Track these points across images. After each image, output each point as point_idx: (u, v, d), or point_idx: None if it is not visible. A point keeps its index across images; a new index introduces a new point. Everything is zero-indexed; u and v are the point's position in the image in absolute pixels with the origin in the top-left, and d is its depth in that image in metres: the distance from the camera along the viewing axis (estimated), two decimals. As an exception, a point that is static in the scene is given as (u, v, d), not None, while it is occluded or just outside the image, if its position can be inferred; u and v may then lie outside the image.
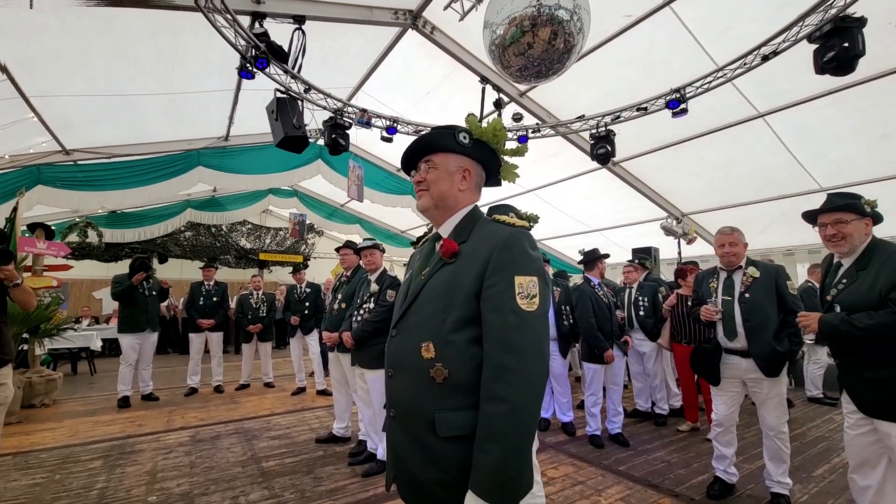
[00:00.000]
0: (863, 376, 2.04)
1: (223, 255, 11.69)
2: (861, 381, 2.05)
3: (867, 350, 2.01)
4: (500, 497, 0.98)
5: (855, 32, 3.89)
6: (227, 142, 7.62)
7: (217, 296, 6.00)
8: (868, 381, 2.01)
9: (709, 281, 3.02)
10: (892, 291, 1.93)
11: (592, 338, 3.82)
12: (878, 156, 6.30)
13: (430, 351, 1.13)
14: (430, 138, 1.31)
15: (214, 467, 3.37)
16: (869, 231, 2.13)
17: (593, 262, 4.17)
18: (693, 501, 2.80)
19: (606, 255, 4.40)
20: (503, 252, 1.12)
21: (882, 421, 1.97)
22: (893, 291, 1.92)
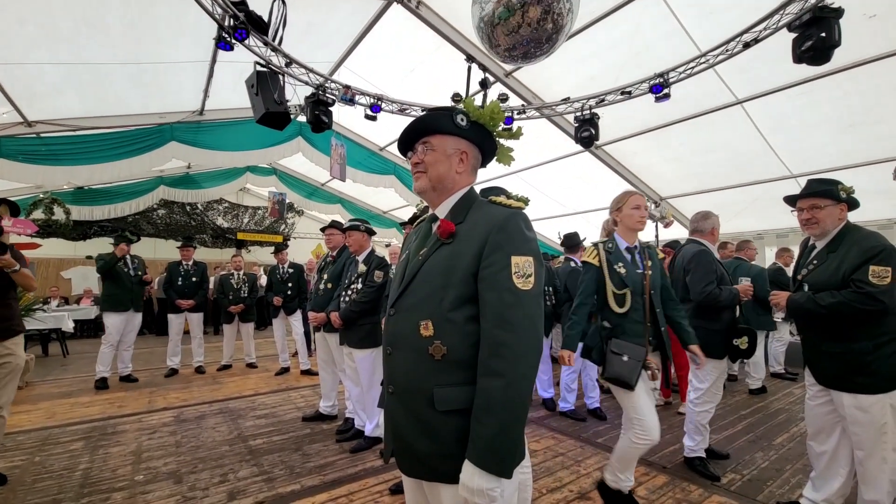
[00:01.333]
0: (821, 350, 2.21)
1: (199, 235, 11.37)
2: (820, 354, 2.22)
3: (826, 326, 2.17)
4: (495, 465, 1.03)
5: (832, 23, 4.00)
6: (201, 116, 7.33)
7: (196, 276, 5.87)
8: (826, 355, 2.18)
9: None
10: (854, 273, 2.07)
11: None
12: (847, 144, 6.57)
13: (428, 329, 1.16)
14: (427, 120, 1.30)
15: (201, 446, 3.38)
16: (843, 216, 2.24)
17: (576, 245, 4.28)
18: (665, 469, 2.98)
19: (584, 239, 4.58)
20: (500, 233, 1.15)
21: (836, 391, 2.14)
22: (856, 273, 2.06)
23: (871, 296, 2.00)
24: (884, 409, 2.01)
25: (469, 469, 1.05)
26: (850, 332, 2.09)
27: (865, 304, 2.01)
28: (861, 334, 2.07)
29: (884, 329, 2.04)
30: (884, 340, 2.03)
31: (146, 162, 6.83)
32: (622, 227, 2.47)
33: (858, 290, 2.03)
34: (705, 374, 2.85)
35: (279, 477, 2.87)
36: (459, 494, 1.07)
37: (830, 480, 2.24)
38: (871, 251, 2.05)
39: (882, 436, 2.01)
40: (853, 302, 2.03)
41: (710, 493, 2.63)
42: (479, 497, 1.03)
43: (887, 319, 2.04)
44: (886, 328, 2.04)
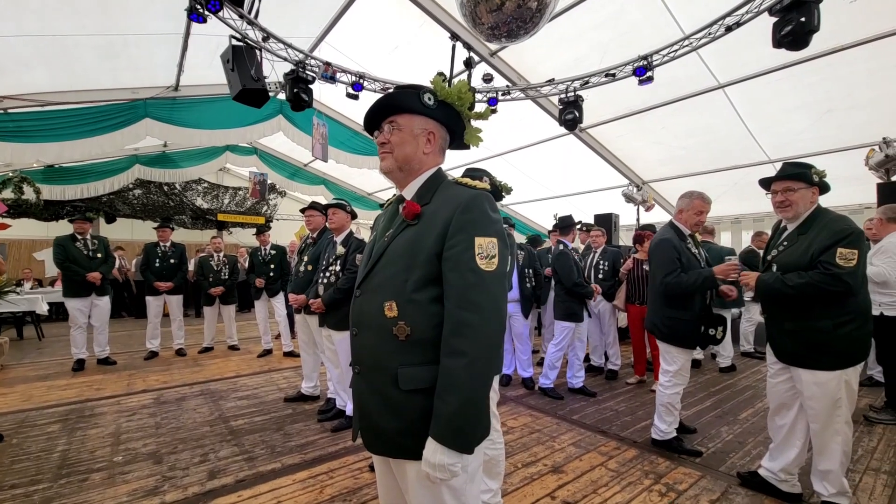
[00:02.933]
0: (783, 328, 2.30)
1: (178, 216, 11.11)
2: (781, 332, 2.32)
3: (791, 306, 2.26)
4: (457, 442, 1.07)
5: (812, 7, 4.03)
6: (176, 92, 7.08)
7: (175, 257, 5.76)
8: (787, 332, 2.28)
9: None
10: (822, 254, 2.14)
11: (578, 291, 4.09)
12: (823, 130, 6.70)
13: (392, 310, 1.17)
14: (394, 98, 1.28)
15: (181, 427, 3.38)
16: (815, 199, 2.30)
17: (569, 227, 4.34)
18: (636, 444, 3.10)
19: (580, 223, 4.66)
20: (464, 214, 1.16)
21: (795, 367, 2.25)
22: (824, 254, 2.13)
23: (837, 277, 2.07)
24: (839, 385, 2.11)
25: (432, 445, 1.08)
26: (813, 311, 2.17)
27: (831, 284, 2.08)
28: (823, 314, 2.15)
29: (846, 310, 2.12)
30: (844, 320, 2.11)
31: (119, 139, 6.60)
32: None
33: (825, 272, 2.10)
34: (673, 358, 2.93)
35: (260, 456, 2.91)
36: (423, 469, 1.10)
37: (787, 451, 2.36)
38: (840, 234, 2.11)
39: (836, 409, 2.12)
40: (819, 283, 2.10)
41: (677, 465, 2.76)
42: (441, 472, 1.06)
43: (850, 300, 2.12)
44: (848, 309, 2.12)
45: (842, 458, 2.15)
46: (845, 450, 2.15)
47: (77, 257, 5.02)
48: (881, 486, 2.49)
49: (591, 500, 2.36)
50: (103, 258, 5.26)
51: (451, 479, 1.09)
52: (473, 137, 1.40)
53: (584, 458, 2.86)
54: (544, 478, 2.60)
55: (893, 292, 3.30)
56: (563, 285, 4.15)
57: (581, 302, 4.20)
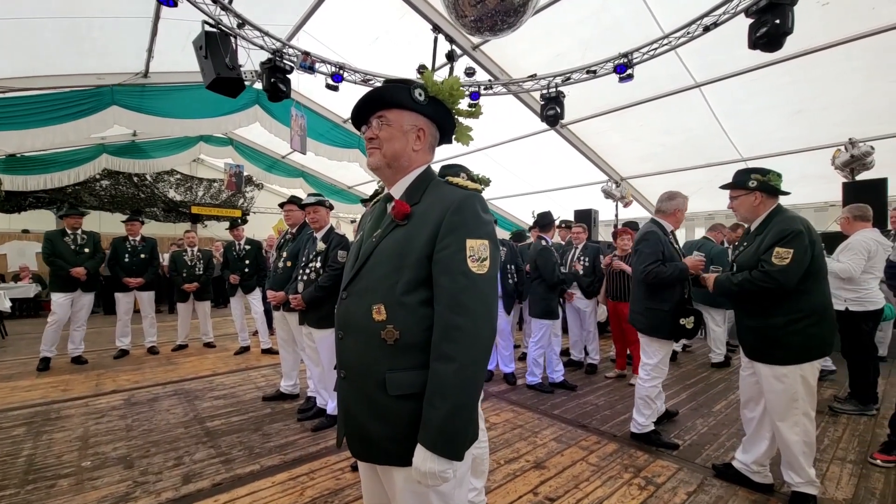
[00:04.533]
0: (744, 325, 2.41)
1: (149, 208, 10.70)
2: (744, 328, 2.42)
3: (746, 303, 2.38)
4: (446, 449, 1.04)
5: (786, 9, 4.13)
6: (146, 78, 6.77)
7: (145, 252, 5.53)
8: (748, 329, 2.38)
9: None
10: (764, 253, 2.25)
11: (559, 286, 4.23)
12: (793, 130, 6.92)
13: (381, 313, 1.13)
14: (384, 92, 1.24)
15: (154, 429, 3.26)
16: (757, 202, 2.40)
17: (549, 224, 4.36)
18: (615, 437, 3.16)
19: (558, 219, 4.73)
20: (455, 215, 1.12)
21: (756, 362, 2.34)
22: (765, 253, 2.24)
23: (767, 274, 2.19)
24: (794, 380, 2.20)
25: (421, 453, 1.05)
26: (767, 308, 2.27)
27: (763, 281, 2.21)
28: (776, 311, 2.25)
29: (798, 307, 2.21)
30: (796, 317, 2.20)
31: (84, 128, 6.29)
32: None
33: (760, 269, 2.23)
34: (654, 351, 2.99)
35: (237, 458, 2.83)
36: (412, 477, 1.08)
37: (758, 443, 2.45)
38: (781, 234, 2.22)
39: (794, 402, 2.21)
40: (754, 280, 2.23)
41: (655, 458, 2.82)
42: (432, 479, 1.04)
43: (803, 298, 2.21)
44: (801, 306, 2.21)
45: (804, 449, 2.23)
46: (806, 440, 2.23)
47: (63, 252, 4.87)
48: (847, 475, 2.60)
49: (573, 495, 2.39)
50: (91, 253, 5.08)
51: (442, 485, 1.07)
52: (464, 136, 1.37)
53: (566, 454, 2.89)
54: (527, 474, 2.62)
55: (859, 288, 3.45)
56: (543, 282, 4.18)
57: (558, 299, 4.28)
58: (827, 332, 2.24)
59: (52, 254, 4.83)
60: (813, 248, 2.21)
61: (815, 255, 2.22)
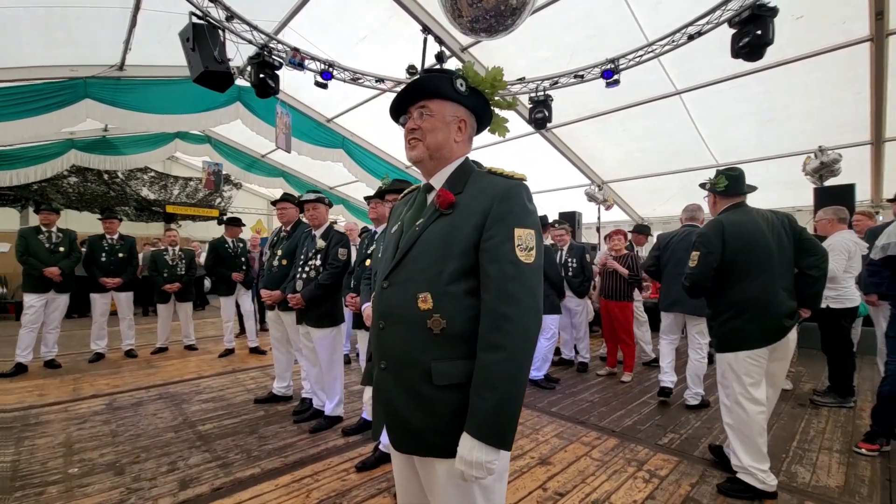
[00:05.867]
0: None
1: (120, 207, 10.24)
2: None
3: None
4: (495, 438, 1.03)
5: (768, 21, 4.33)
6: (122, 71, 6.50)
7: (123, 251, 5.28)
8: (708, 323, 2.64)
9: None
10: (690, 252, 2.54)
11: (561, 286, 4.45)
12: (765, 137, 7.26)
13: (427, 302, 1.12)
14: (426, 83, 1.22)
15: (142, 434, 3.11)
16: (712, 202, 2.68)
17: (545, 226, 4.44)
18: (614, 433, 3.22)
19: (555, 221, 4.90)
20: (503, 204, 1.12)
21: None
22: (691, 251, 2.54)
23: (686, 275, 2.52)
24: (724, 366, 2.43)
25: (468, 442, 1.04)
26: (708, 303, 2.55)
27: (684, 280, 2.54)
28: (709, 305, 2.53)
29: (720, 302, 2.43)
30: (717, 311, 2.44)
31: (55, 121, 5.97)
32: None
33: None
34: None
35: (236, 462, 2.73)
36: (456, 468, 1.06)
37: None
38: (696, 237, 2.54)
39: (723, 388, 2.45)
40: (683, 281, 2.56)
41: (655, 452, 2.88)
42: (478, 470, 1.03)
43: (724, 294, 2.41)
44: (722, 301, 2.42)
45: (738, 435, 2.35)
46: (739, 427, 2.34)
47: (37, 250, 4.62)
48: (836, 463, 2.73)
49: (581, 489, 2.42)
50: (66, 252, 4.83)
51: (487, 476, 1.06)
52: (500, 127, 1.38)
53: (569, 449, 2.92)
54: (534, 470, 2.63)
55: (839, 287, 3.64)
56: (546, 279, 4.24)
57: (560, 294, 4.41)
58: (748, 325, 2.30)
59: (25, 252, 4.57)
60: (723, 249, 2.37)
61: (728, 257, 2.36)
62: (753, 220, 2.41)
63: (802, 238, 2.43)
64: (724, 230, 2.40)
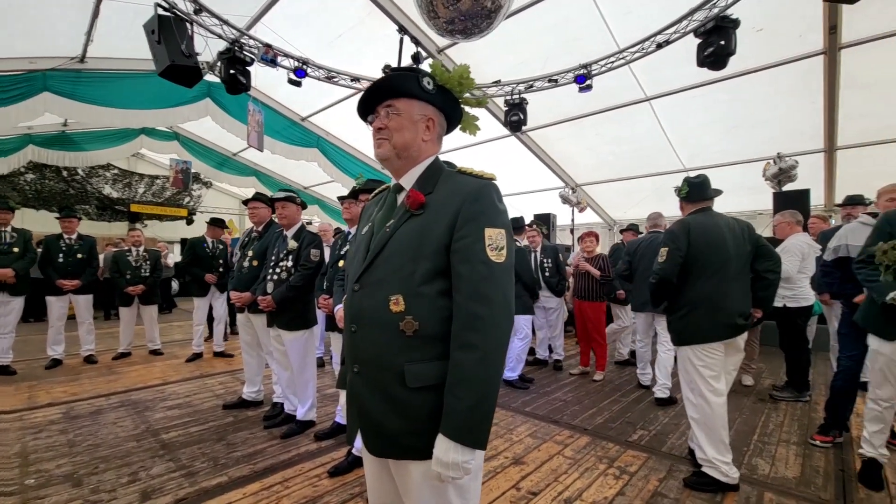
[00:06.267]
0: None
1: (81, 205, 9.77)
2: None
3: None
4: (470, 438, 1.03)
5: (730, 32, 4.52)
6: (83, 64, 6.21)
7: (82, 252, 5.02)
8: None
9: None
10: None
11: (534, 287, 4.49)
12: (729, 144, 7.56)
13: (399, 304, 1.11)
14: (392, 81, 1.22)
15: (101, 444, 2.97)
16: (680, 207, 2.83)
17: (521, 227, 4.48)
18: (586, 431, 3.28)
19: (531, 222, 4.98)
20: (474, 204, 1.12)
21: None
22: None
23: (653, 271, 2.61)
24: (683, 360, 2.55)
25: (444, 443, 1.04)
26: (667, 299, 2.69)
27: (651, 277, 2.63)
28: (670, 301, 2.65)
29: (679, 297, 2.57)
30: (678, 306, 2.57)
31: (12, 116, 5.67)
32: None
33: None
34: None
35: (201, 470, 2.64)
36: (431, 469, 1.06)
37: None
38: (664, 235, 2.69)
39: (688, 383, 2.54)
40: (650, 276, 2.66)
41: (625, 449, 2.95)
42: (454, 470, 1.03)
43: (683, 290, 2.54)
44: (680, 297, 2.56)
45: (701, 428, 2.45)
46: (703, 421, 2.44)
47: None
48: (793, 455, 2.86)
49: (553, 488, 2.45)
50: (20, 253, 4.57)
51: (464, 476, 1.06)
52: (471, 126, 1.37)
53: (542, 448, 2.96)
54: (507, 470, 2.65)
55: (794, 286, 3.82)
56: (519, 280, 4.28)
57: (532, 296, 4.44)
58: (703, 321, 2.45)
59: None
60: (688, 248, 2.50)
61: (692, 254, 2.50)
62: (716, 224, 2.55)
63: (760, 244, 2.59)
64: (690, 229, 2.54)
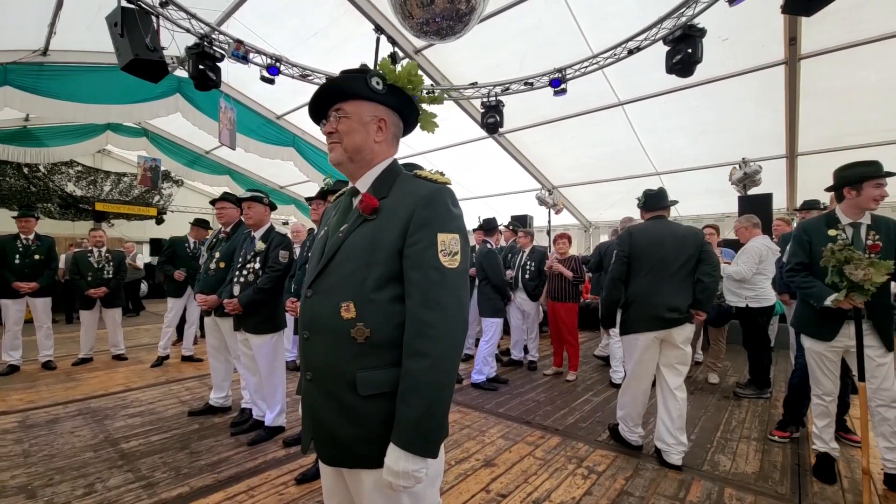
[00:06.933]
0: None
1: (42, 204, 9.34)
2: None
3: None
4: (420, 447, 1.02)
5: (697, 41, 4.66)
6: (45, 56, 5.95)
7: (40, 253, 4.79)
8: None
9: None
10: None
11: (505, 290, 4.45)
12: (699, 148, 7.78)
13: (350, 311, 1.09)
14: (340, 83, 1.20)
15: (56, 455, 2.83)
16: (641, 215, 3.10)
17: (493, 228, 4.50)
18: (557, 431, 3.31)
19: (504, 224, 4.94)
20: (426, 209, 1.11)
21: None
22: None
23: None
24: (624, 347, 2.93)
25: (394, 452, 1.02)
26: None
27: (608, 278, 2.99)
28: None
29: (626, 293, 2.87)
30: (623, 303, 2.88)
31: (-32, 110, 5.36)
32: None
33: None
34: None
35: (162, 481, 2.55)
36: (383, 478, 1.04)
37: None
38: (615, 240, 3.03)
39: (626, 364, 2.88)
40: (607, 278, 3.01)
41: (595, 448, 3.00)
42: (405, 479, 1.01)
43: (628, 288, 2.86)
44: (627, 294, 2.87)
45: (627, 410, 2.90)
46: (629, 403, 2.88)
47: None
48: (753, 451, 2.96)
49: (523, 489, 2.47)
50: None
51: (415, 485, 1.05)
52: (428, 123, 1.35)
53: (514, 450, 2.97)
54: (478, 472, 2.65)
55: (756, 287, 3.96)
56: (489, 283, 4.30)
57: (503, 297, 4.43)
58: (635, 313, 2.80)
59: None
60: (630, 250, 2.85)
61: (633, 256, 2.84)
62: (660, 230, 2.86)
63: (702, 250, 2.79)
64: (632, 234, 2.90)
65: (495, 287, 4.33)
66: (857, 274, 2.13)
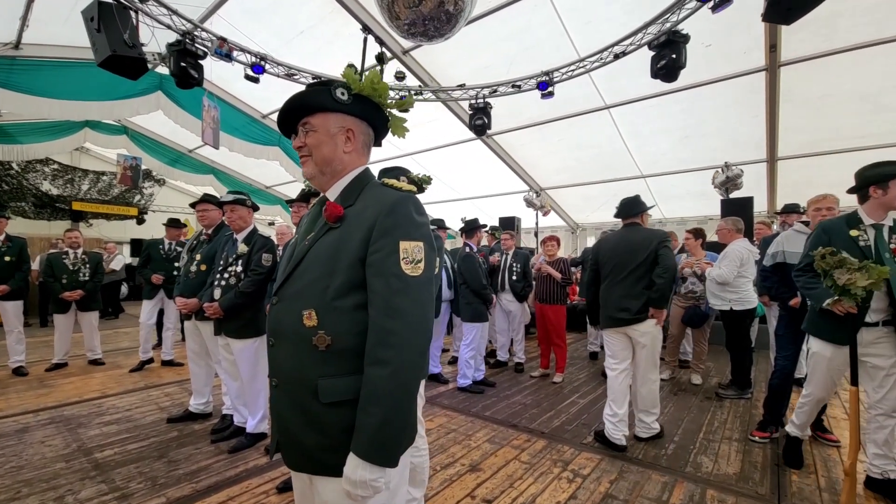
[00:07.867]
0: None
1: (15, 203, 9.03)
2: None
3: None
4: (379, 456, 1.01)
5: (681, 46, 4.72)
6: (17, 50, 5.75)
7: (11, 254, 4.62)
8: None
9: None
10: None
11: (484, 294, 4.39)
12: (681, 152, 7.91)
13: (312, 319, 1.09)
14: (304, 98, 1.20)
15: (25, 466, 2.72)
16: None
17: (474, 230, 4.46)
18: (543, 434, 3.31)
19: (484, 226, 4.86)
20: (388, 217, 1.10)
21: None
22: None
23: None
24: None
25: (353, 461, 1.01)
26: None
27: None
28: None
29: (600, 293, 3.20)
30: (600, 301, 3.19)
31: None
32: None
33: None
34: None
35: (137, 492, 2.47)
36: (343, 487, 1.03)
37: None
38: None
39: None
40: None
41: (580, 451, 3.00)
42: (363, 489, 1.00)
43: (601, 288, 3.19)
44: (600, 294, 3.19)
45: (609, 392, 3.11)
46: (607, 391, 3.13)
47: None
48: (734, 452, 3.00)
49: (508, 494, 2.45)
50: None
51: (374, 495, 1.03)
52: (399, 128, 1.34)
53: (499, 454, 2.96)
54: (463, 478, 2.63)
55: (739, 290, 4.02)
56: (468, 287, 4.28)
57: (485, 302, 4.39)
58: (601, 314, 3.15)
59: None
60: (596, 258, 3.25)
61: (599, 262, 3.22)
62: (620, 238, 3.15)
63: (658, 254, 2.99)
64: (599, 244, 3.28)
65: (474, 292, 4.30)
66: (840, 279, 2.12)
